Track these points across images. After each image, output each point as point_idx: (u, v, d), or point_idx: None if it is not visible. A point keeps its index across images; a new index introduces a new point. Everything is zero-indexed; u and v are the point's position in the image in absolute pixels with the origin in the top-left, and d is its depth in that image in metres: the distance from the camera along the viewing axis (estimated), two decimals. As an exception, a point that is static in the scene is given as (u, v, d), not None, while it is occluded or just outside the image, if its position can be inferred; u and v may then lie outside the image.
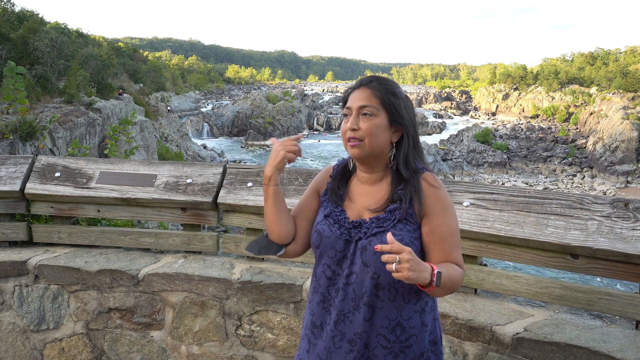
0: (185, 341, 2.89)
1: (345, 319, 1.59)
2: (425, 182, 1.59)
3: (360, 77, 1.85)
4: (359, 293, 1.58)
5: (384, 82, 1.64)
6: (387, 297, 1.57)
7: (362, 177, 1.68)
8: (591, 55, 78.45)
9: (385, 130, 1.60)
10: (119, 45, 72.27)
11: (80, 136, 24.58)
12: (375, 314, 1.57)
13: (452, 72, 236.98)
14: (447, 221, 1.58)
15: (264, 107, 65.59)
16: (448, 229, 1.58)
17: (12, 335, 3.06)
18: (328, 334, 1.62)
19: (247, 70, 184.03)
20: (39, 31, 30.59)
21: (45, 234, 3.27)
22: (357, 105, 1.61)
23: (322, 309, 1.66)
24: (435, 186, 1.59)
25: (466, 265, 2.53)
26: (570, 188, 41.26)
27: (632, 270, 2.18)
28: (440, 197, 1.59)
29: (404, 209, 1.57)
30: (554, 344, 2.13)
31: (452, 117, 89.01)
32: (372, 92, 1.61)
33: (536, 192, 2.44)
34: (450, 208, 1.60)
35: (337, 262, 1.63)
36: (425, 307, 1.62)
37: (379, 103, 1.60)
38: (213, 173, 3.12)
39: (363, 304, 1.57)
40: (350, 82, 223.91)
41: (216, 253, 3.16)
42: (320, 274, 1.67)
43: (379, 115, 1.59)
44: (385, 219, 1.58)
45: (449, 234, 1.58)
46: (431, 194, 1.58)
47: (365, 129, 1.58)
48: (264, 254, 1.74)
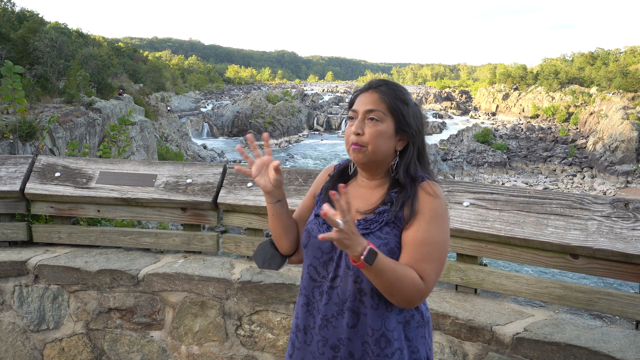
0: (185, 341, 2.89)
1: (328, 324, 1.54)
2: (422, 189, 1.52)
3: (363, 79, 1.80)
4: (343, 297, 1.53)
5: (393, 87, 1.57)
6: (370, 304, 1.51)
7: (361, 182, 1.64)
8: (591, 55, 78.45)
9: (390, 138, 1.54)
10: (119, 45, 72.27)
11: (80, 136, 24.58)
12: (360, 321, 1.52)
13: (452, 72, 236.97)
14: (429, 229, 1.48)
15: (264, 107, 65.59)
16: (425, 237, 1.47)
17: (12, 335, 3.06)
18: (313, 338, 1.58)
19: (247, 70, 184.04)
20: (39, 31, 30.59)
21: (45, 234, 3.27)
22: (363, 109, 1.54)
23: (306, 312, 1.61)
24: (431, 194, 1.51)
25: (466, 265, 2.54)
26: (570, 188, 41.26)
27: (632, 270, 2.18)
28: (433, 205, 1.50)
29: (394, 212, 1.50)
30: (554, 344, 2.13)
31: (452, 117, 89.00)
32: (380, 96, 1.54)
33: (536, 192, 2.44)
34: (439, 219, 1.49)
35: (323, 264, 1.58)
36: (410, 320, 1.55)
37: (386, 108, 1.53)
38: (213, 173, 3.12)
39: (347, 309, 1.52)
40: (350, 82, 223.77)
41: (216, 253, 3.16)
42: (305, 274, 1.63)
43: (385, 121, 1.53)
44: (373, 221, 1.52)
45: (425, 243, 1.47)
46: (425, 200, 1.50)
47: (369, 135, 1.52)
48: (266, 267, 1.72)
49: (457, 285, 2.61)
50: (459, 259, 2.59)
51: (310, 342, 1.59)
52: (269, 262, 1.71)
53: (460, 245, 2.53)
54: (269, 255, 1.72)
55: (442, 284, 2.70)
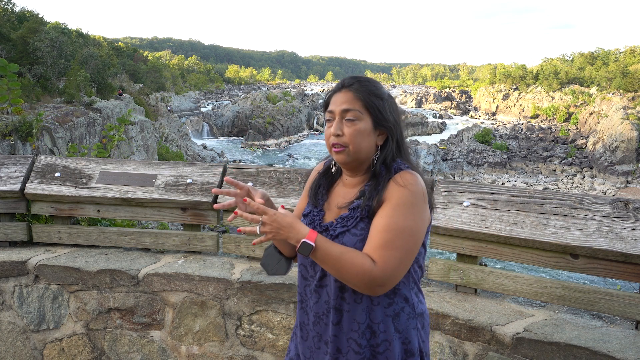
0: (185, 341, 2.89)
1: (320, 322, 1.59)
2: (393, 180, 1.51)
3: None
4: (329, 296, 1.56)
5: (366, 83, 1.57)
6: (352, 299, 1.53)
7: (345, 180, 1.64)
8: (591, 55, 78.43)
9: (369, 135, 1.54)
10: (119, 45, 72.26)
11: (80, 136, 24.58)
12: (343, 317, 1.54)
13: (452, 72, 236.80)
14: (393, 216, 1.46)
15: (264, 107, 65.56)
16: (388, 222, 1.45)
17: (12, 335, 3.06)
18: (309, 333, 1.63)
19: (247, 70, 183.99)
20: (39, 31, 30.60)
21: (45, 234, 3.27)
22: (339, 109, 1.54)
23: (301, 309, 1.66)
24: (401, 185, 1.49)
25: (466, 265, 2.54)
26: (570, 188, 41.26)
27: (632, 270, 2.18)
28: (400, 194, 1.48)
29: (363, 205, 1.51)
30: (554, 344, 2.13)
31: (452, 117, 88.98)
32: (354, 94, 1.54)
33: (536, 192, 2.44)
34: (405, 207, 1.47)
35: (311, 263, 1.61)
36: (400, 312, 1.55)
37: (362, 106, 1.53)
38: (213, 173, 3.12)
39: (331, 307, 1.55)
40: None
41: (216, 253, 3.16)
42: (298, 273, 1.68)
43: (362, 119, 1.53)
44: (349, 217, 1.54)
45: (387, 229, 1.45)
46: (393, 190, 1.49)
47: (349, 135, 1.52)
48: (275, 273, 1.74)
49: (457, 285, 2.61)
50: (459, 259, 2.59)
51: (307, 338, 1.64)
52: (277, 267, 1.73)
53: (460, 245, 2.53)
54: (275, 261, 1.74)
55: (442, 284, 2.70)
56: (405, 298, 1.56)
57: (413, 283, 1.59)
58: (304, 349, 1.65)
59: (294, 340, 1.76)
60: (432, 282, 2.73)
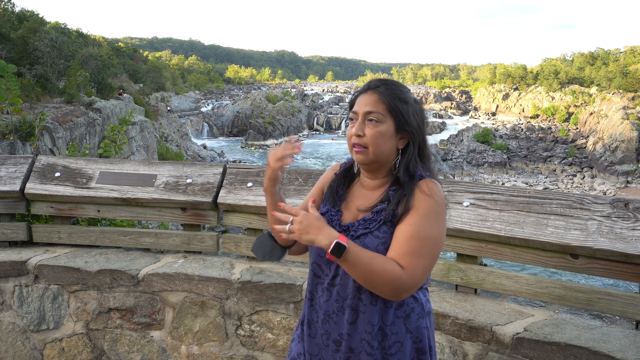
0: (185, 341, 2.89)
1: (330, 320, 1.60)
2: (418, 188, 1.53)
3: (363, 79, 1.80)
4: (343, 295, 1.57)
5: (392, 86, 1.58)
6: (369, 300, 1.54)
7: (364, 182, 1.66)
8: (591, 55, 78.40)
9: (391, 138, 1.56)
10: (119, 45, 72.23)
11: (80, 136, 24.58)
12: (359, 317, 1.56)
13: (452, 72, 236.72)
14: (420, 224, 1.49)
15: (264, 107, 65.57)
16: (417, 230, 1.48)
17: (12, 335, 3.06)
18: (318, 331, 1.64)
19: (247, 70, 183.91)
20: (39, 31, 30.59)
21: (45, 234, 3.27)
22: (363, 110, 1.56)
23: (310, 306, 1.67)
24: (427, 194, 1.51)
25: (466, 265, 2.54)
26: (570, 188, 41.25)
27: (632, 270, 2.18)
28: (427, 203, 1.51)
29: (390, 210, 1.53)
30: (554, 344, 2.13)
31: (452, 117, 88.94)
32: (379, 97, 1.56)
33: (536, 192, 2.44)
34: (432, 216, 1.50)
35: (326, 262, 1.62)
36: (411, 313, 1.57)
37: (385, 109, 1.55)
38: (213, 173, 3.12)
39: (347, 306, 1.57)
40: (350, 82, 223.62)
41: (216, 253, 3.16)
42: (310, 271, 1.68)
43: (385, 122, 1.55)
44: (372, 220, 1.55)
45: (415, 237, 1.48)
46: (419, 198, 1.51)
47: (370, 136, 1.54)
48: (267, 259, 1.75)
49: (457, 285, 2.61)
50: (459, 259, 2.59)
51: (314, 335, 1.65)
52: (270, 254, 1.74)
53: (460, 245, 2.53)
54: (268, 248, 1.75)
55: (442, 284, 2.70)
56: (415, 298, 1.59)
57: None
58: (311, 346, 1.66)
59: (295, 340, 1.76)
60: (432, 282, 2.73)
